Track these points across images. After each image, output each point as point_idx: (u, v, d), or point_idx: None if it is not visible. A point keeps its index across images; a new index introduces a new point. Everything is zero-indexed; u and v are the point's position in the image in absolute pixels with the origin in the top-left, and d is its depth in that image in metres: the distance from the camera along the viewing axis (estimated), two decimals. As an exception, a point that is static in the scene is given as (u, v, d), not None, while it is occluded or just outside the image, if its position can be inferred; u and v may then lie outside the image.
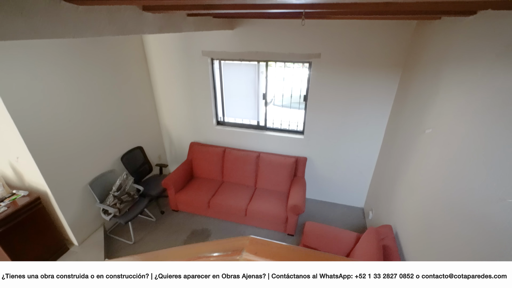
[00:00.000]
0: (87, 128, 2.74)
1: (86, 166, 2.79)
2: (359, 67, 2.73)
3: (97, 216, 3.01)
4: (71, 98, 2.53)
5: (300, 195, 2.97)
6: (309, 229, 2.51)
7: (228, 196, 3.22)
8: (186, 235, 3.12)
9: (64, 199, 2.58)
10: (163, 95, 3.68)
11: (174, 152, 4.16)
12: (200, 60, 3.25)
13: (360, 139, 3.13)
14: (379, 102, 2.86)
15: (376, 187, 3.01)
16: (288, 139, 3.43)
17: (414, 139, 2.10)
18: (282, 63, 3.19)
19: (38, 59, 2.19)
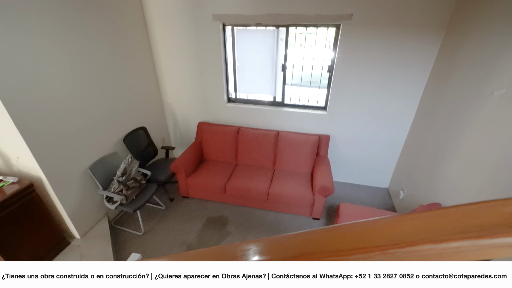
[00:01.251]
0: (85, 103, 2.34)
1: (85, 148, 2.40)
2: (395, 30, 2.41)
3: (99, 205, 2.65)
4: (66, 66, 2.11)
5: (327, 176, 2.70)
6: (345, 211, 2.26)
7: (246, 179, 2.92)
8: (201, 222, 2.82)
9: (62, 185, 2.21)
10: (166, 69, 3.26)
11: (179, 134, 3.78)
12: (211, 26, 2.83)
13: (390, 114, 2.86)
14: (415, 71, 2.57)
15: (409, 164, 2.77)
16: (309, 116, 3.12)
17: (473, 104, 1.84)
18: (303, 30, 2.82)
19: (27, 16, 1.76)
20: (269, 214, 2.93)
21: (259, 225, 2.78)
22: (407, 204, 2.66)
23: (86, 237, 2.50)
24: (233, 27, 2.90)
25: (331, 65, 2.84)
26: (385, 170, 3.28)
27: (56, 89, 2.06)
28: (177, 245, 2.54)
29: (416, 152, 2.63)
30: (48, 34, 1.95)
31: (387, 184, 3.38)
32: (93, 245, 2.43)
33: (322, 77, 3.10)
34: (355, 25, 2.48)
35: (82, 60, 2.26)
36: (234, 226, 2.77)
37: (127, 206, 2.51)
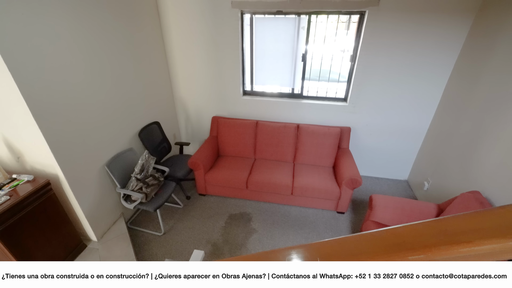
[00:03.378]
0: (102, 94, 2.18)
1: (102, 143, 2.23)
2: (423, 13, 2.35)
3: (116, 205, 2.49)
4: (84, 54, 1.94)
5: (354, 168, 2.63)
6: (378, 203, 2.18)
7: (268, 173, 2.81)
8: (223, 220, 2.69)
9: (79, 183, 2.04)
10: (179, 60, 3.10)
11: (190, 130, 3.63)
12: (229, 13, 2.70)
13: (413, 102, 2.81)
14: (442, 55, 2.51)
15: (435, 154, 2.73)
16: (329, 107, 3.04)
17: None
18: (323, 19, 2.72)
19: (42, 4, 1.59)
20: (293, 210, 2.84)
21: (284, 221, 2.68)
22: (435, 195, 2.62)
23: (104, 240, 2.33)
24: (252, 15, 2.78)
25: (353, 54, 2.77)
26: (405, 162, 3.24)
27: (74, 78, 1.90)
28: (202, 244, 2.41)
29: (444, 140, 2.58)
30: (66, 18, 1.78)
31: (406, 176, 3.34)
32: (112, 247, 2.27)
33: (342, 68, 3.02)
34: (382, 12, 2.41)
35: (99, 46, 2.09)
36: (259, 223, 2.66)
37: (146, 204, 2.35)
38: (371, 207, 2.23)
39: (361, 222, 2.68)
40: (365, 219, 2.34)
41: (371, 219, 2.21)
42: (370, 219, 2.21)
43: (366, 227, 2.21)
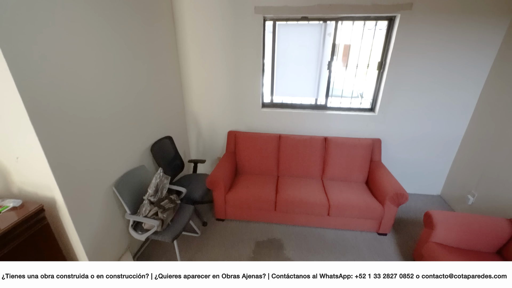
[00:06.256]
0: (112, 99, 1.83)
1: (111, 158, 1.85)
2: (457, 16, 2.27)
3: (122, 235, 2.03)
4: (97, 52, 1.64)
5: (395, 182, 2.35)
6: (439, 220, 1.88)
7: (297, 191, 2.46)
8: (250, 249, 2.27)
9: (81, 210, 1.61)
10: (194, 70, 2.84)
11: (202, 147, 3.28)
12: (251, 19, 2.53)
13: (447, 109, 2.65)
14: (476, 60, 2.41)
15: (478, 163, 2.50)
16: (357, 118, 2.82)
17: None
18: (349, 26, 2.60)
19: None
20: (327, 232, 2.46)
21: (322, 246, 2.30)
22: (484, 209, 2.36)
23: (106, 281, 1.84)
24: (274, 22, 2.62)
25: (381, 61, 2.63)
26: (438, 175, 3.01)
27: (84, 74, 1.56)
28: (230, 281, 1.95)
29: (489, 147, 2.38)
30: (83, 8, 1.49)
31: (439, 190, 3.10)
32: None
33: (368, 77, 2.87)
34: (414, 16, 2.32)
35: (111, 43, 1.79)
36: (293, 250, 2.25)
37: (162, 234, 1.92)
38: (430, 225, 1.91)
39: (408, 244, 2.34)
40: (421, 240, 2.01)
41: (433, 240, 1.89)
42: (432, 241, 1.89)
43: (428, 251, 1.87)
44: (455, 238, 1.85)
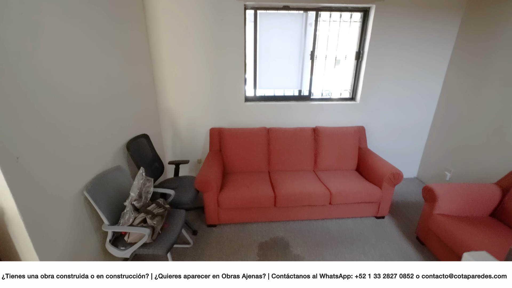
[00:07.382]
0: (81, 94, 1.45)
1: (81, 157, 1.44)
2: (424, 10, 2.51)
3: (96, 254, 1.58)
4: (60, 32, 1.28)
5: (387, 163, 2.39)
6: (441, 193, 1.92)
7: (294, 185, 2.31)
8: (254, 253, 2.00)
9: (42, 222, 1.18)
10: (168, 64, 2.54)
11: (179, 149, 2.91)
12: (233, 8, 2.39)
13: (416, 98, 2.88)
14: (439, 49, 2.69)
15: (451, 143, 2.72)
16: (341, 107, 2.87)
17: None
18: (326, 18, 2.68)
19: None
20: (330, 224, 2.35)
21: (328, 239, 2.16)
22: (462, 181, 2.55)
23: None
24: (256, 11, 2.53)
25: (358, 51, 2.74)
26: (413, 159, 3.22)
27: (49, 64, 1.19)
28: (241, 292, 1.65)
29: (459, 127, 2.62)
30: None
31: (415, 173, 3.31)
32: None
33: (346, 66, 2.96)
34: (388, 7, 2.48)
35: (74, 26, 1.44)
36: (300, 247, 2.06)
37: (152, 246, 1.54)
38: (432, 198, 1.95)
39: (407, 224, 2.36)
40: (423, 215, 2.04)
41: (437, 212, 1.92)
42: (436, 213, 1.92)
43: (434, 223, 1.89)
44: (456, 207, 1.90)
